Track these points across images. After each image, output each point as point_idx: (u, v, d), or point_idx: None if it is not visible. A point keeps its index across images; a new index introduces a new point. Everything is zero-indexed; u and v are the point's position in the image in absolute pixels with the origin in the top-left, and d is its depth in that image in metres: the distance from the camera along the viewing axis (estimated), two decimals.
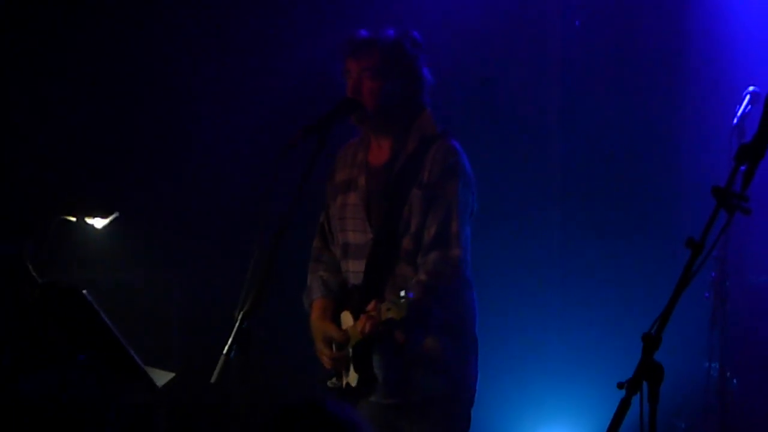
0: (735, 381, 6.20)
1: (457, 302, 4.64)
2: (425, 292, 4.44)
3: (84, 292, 4.66)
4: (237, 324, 3.90)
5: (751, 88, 5.95)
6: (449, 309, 4.60)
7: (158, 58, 7.05)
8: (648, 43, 7.09)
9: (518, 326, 6.94)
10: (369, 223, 4.65)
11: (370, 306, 4.38)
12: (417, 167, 4.61)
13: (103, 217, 5.72)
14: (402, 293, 4.26)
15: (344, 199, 4.75)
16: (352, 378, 4.58)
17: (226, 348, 3.87)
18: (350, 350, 4.55)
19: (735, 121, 5.88)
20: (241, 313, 3.92)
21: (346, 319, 4.65)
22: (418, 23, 5.06)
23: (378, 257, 4.61)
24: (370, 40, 4.63)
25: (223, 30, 7.13)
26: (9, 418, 3.06)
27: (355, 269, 4.68)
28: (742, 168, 3.04)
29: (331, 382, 4.68)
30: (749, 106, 5.90)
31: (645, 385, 2.97)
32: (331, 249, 4.85)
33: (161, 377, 4.99)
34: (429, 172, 4.58)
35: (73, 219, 5.67)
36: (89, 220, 5.71)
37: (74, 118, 6.97)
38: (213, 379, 3.86)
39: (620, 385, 2.96)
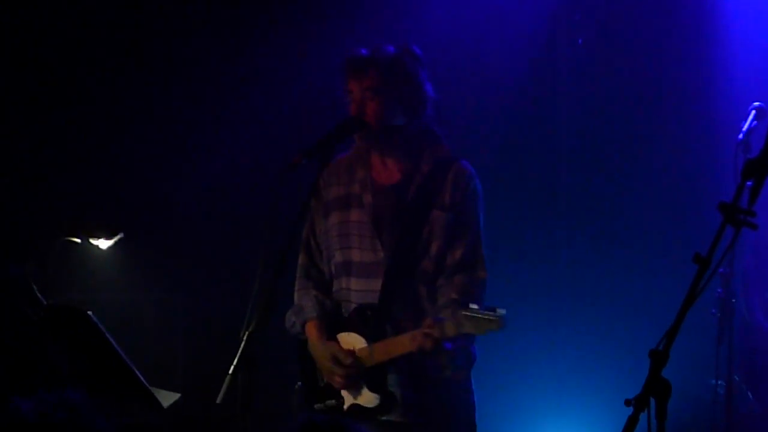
0: (750, 395, 6.19)
1: None
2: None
3: (89, 312, 4.65)
4: (242, 344, 3.89)
5: (756, 104, 5.95)
6: None
7: (165, 80, 7.05)
8: (654, 58, 7.09)
9: (525, 339, 6.91)
10: (380, 241, 4.63)
11: (427, 323, 4.35)
12: (436, 189, 4.60)
13: (108, 237, 5.71)
14: (475, 306, 4.26)
15: (344, 215, 4.70)
16: (367, 399, 4.56)
17: (232, 368, 3.86)
18: (364, 371, 4.53)
19: (741, 136, 5.87)
20: (247, 333, 3.90)
21: (350, 339, 4.62)
22: (421, 36, 5.06)
23: (394, 277, 4.59)
24: (369, 58, 4.60)
25: (227, 52, 7.13)
26: None
27: (359, 288, 4.64)
28: (749, 183, 3.03)
29: (327, 404, 4.65)
30: (755, 122, 5.89)
31: (652, 401, 2.96)
32: (319, 266, 4.81)
33: (166, 398, 4.97)
34: (451, 195, 4.60)
35: (78, 240, 5.66)
36: (94, 241, 5.70)
37: (78, 138, 6.97)
38: (219, 399, 3.84)
39: (628, 402, 2.95)
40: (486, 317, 4.23)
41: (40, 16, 6.90)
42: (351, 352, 4.56)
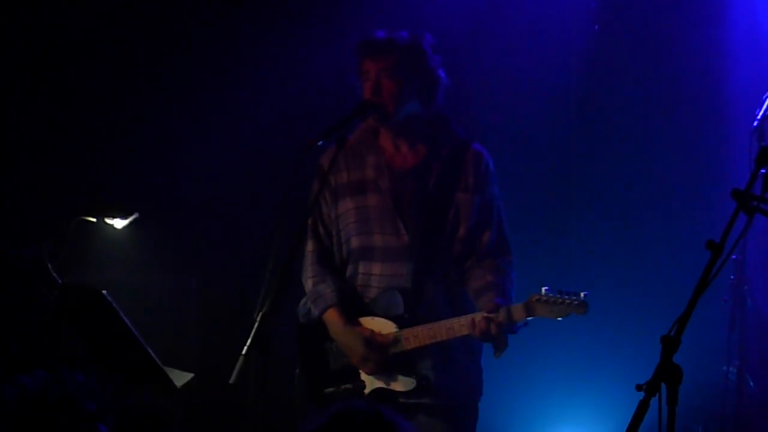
0: (752, 383, 6.19)
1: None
2: (501, 292, 4.54)
3: (104, 292, 4.68)
4: (256, 325, 3.91)
5: None
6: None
7: (181, 63, 7.05)
8: (668, 46, 7.07)
9: (533, 327, 6.90)
10: (403, 225, 4.63)
11: (490, 308, 4.42)
12: (457, 172, 4.64)
13: (123, 217, 5.72)
14: (545, 289, 4.34)
15: (359, 200, 4.70)
16: (403, 383, 4.57)
17: (245, 349, 3.87)
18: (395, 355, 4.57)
19: (755, 123, 5.86)
20: (260, 314, 3.92)
21: (374, 324, 4.62)
22: (430, 23, 5.06)
23: (424, 260, 4.60)
24: (388, 40, 4.63)
25: (239, 37, 7.12)
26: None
27: (384, 272, 4.64)
28: (763, 170, 3.03)
29: (343, 388, 4.65)
30: None
31: (664, 386, 2.97)
32: (330, 251, 4.80)
33: (180, 378, 5.00)
34: (474, 177, 4.65)
35: (93, 220, 5.67)
36: (109, 221, 5.71)
37: (93, 119, 6.99)
38: (232, 380, 3.86)
39: (639, 387, 2.96)
40: (568, 301, 4.29)
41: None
42: (384, 337, 4.58)
